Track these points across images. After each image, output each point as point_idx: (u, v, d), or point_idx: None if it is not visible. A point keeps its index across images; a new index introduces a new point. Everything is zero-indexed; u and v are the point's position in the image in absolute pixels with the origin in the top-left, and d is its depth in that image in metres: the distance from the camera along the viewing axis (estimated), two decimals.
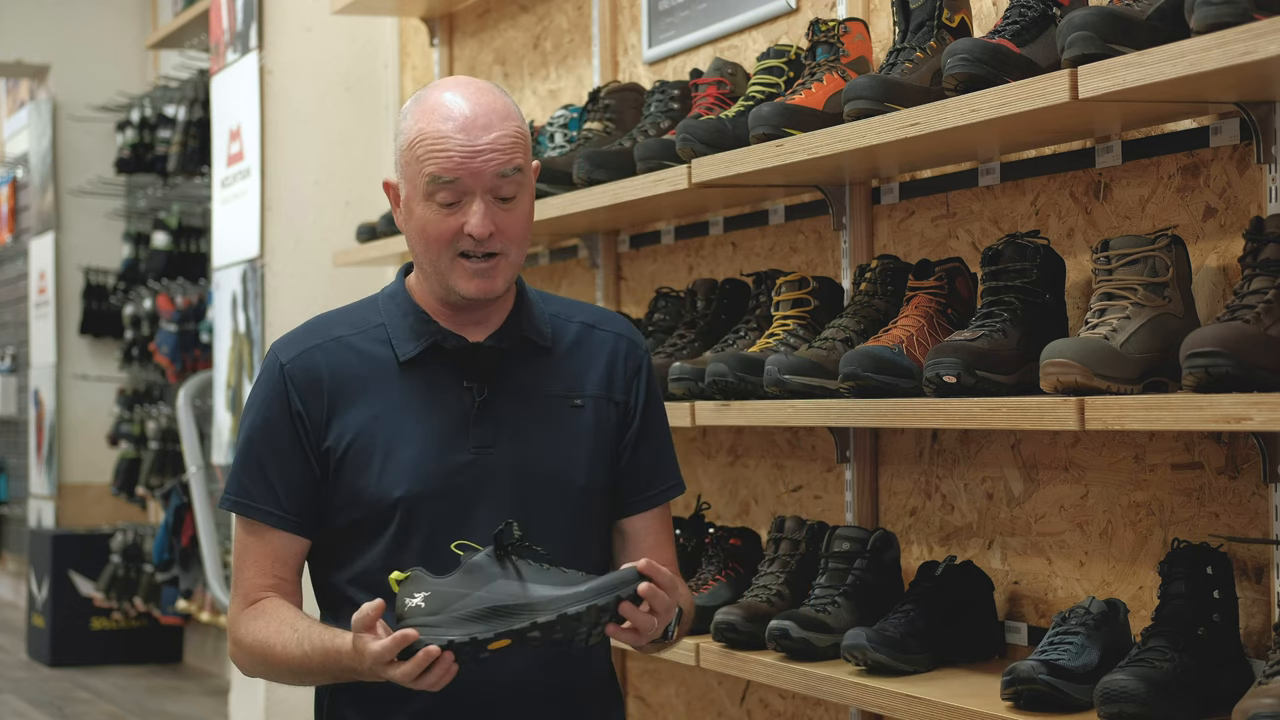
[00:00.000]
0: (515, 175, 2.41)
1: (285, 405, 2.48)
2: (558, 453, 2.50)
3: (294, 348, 2.53)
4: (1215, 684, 2.51)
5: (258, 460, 2.49)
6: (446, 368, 2.49)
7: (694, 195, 3.59)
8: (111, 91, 9.23)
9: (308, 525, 2.49)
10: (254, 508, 2.48)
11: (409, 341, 2.49)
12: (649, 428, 2.60)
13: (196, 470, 6.68)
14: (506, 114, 2.43)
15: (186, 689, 7.95)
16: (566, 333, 2.57)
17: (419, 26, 5.74)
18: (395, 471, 2.44)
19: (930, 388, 2.74)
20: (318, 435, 2.47)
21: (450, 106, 2.41)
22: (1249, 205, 2.69)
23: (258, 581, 2.49)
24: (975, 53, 2.65)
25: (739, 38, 4.01)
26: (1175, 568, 2.60)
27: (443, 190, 2.39)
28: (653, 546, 2.59)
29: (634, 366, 2.59)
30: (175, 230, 8.49)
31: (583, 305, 2.65)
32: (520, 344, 2.52)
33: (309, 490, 2.48)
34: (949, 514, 3.34)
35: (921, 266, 3.06)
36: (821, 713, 3.69)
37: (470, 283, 2.43)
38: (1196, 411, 2.27)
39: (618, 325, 2.63)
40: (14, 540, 10.76)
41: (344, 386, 2.48)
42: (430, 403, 2.47)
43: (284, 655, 2.41)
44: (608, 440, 2.55)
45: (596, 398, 2.54)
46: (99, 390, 9.46)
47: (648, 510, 2.60)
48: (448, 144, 2.38)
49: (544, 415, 2.50)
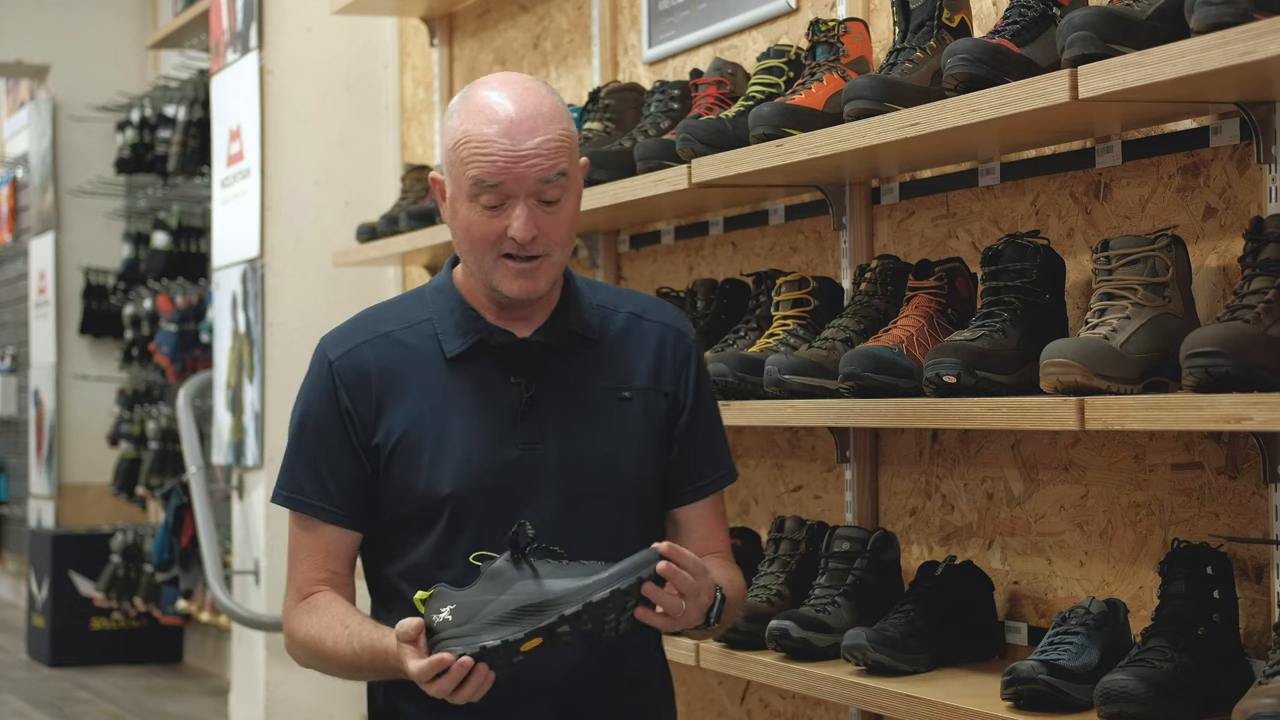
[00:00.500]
0: (559, 180, 2.39)
1: (334, 402, 2.48)
2: (607, 446, 2.49)
3: (342, 344, 2.52)
4: (1215, 684, 2.51)
5: (309, 456, 2.49)
6: (494, 363, 2.48)
7: (694, 195, 3.59)
8: (111, 91, 9.23)
9: (359, 519, 2.50)
10: (306, 503, 2.49)
11: (456, 338, 2.48)
12: (699, 417, 2.58)
13: (196, 470, 6.67)
14: (553, 116, 2.40)
15: (186, 689, 7.94)
16: (614, 323, 2.55)
17: (419, 26, 5.74)
18: (444, 468, 2.44)
19: (930, 388, 2.74)
20: (367, 432, 2.47)
21: (496, 108, 2.39)
22: (1249, 205, 2.69)
23: (310, 575, 2.50)
24: (975, 53, 2.65)
25: (739, 38, 4.01)
26: (1175, 568, 2.60)
27: (486, 193, 2.38)
28: (704, 536, 2.58)
29: (682, 356, 2.57)
30: (175, 230, 8.49)
31: (631, 294, 2.63)
32: (567, 337, 2.51)
33: (360, 485, 2.48)
34: (949, 514, 3.34)
35: (921, 266, 3.06)
36: (821, 713, 3.69)
37: (514, 283, 2.43)
38: (1196, 411, 2.27)
39: (665, 314, 2.60)
40: (14, 540, 10.76)
41: (392, 383, 2.48)
42: (478, 399, 2.46)
43: (334, 652, 2.42)
44: (657, 431, 2.53)
45: (645, 389, 2.53)
46: (99, 390, 9.46)
47: (699, 500, 2.59)
48: (491, 148, 2.37)
49: (592, 409, 2.49)
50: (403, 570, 2.49)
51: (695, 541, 2.57)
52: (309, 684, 5.87)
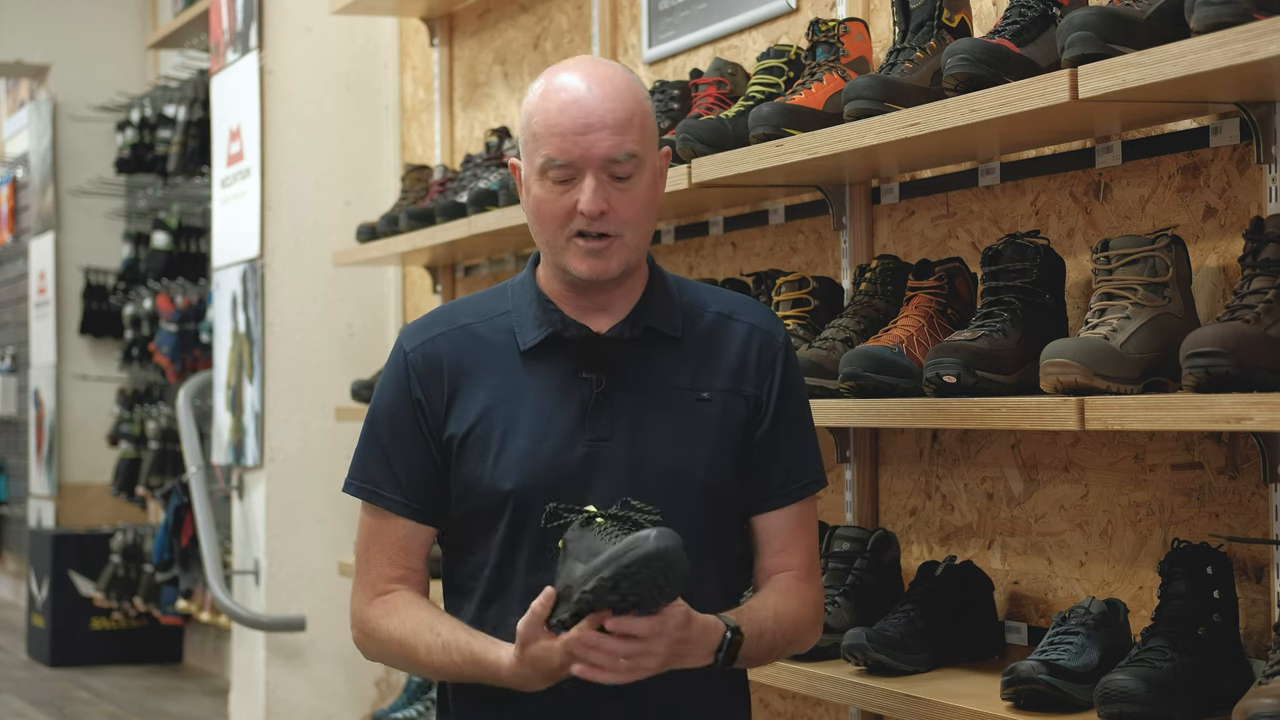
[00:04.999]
0: (629, 161, 2.36)
1: (406, 393, 2.46)
2: (678, 447, 2.42)
3: (418, 336, 2.50)
4: (1215, 684, 2.50)
5: (381, 447, 2.47)
6: (569, 357, 2.44)
7: (694, 195, 3.59)
8: (111, 91, 9.23)
9: (431, 514, 2.46)
10: (379, 494, 2.46)
11: (531, 330, 2.45)
12: (782, 422, 2.50)
13: (196, 470, 6.67)
14: (624, 94, 2.37)
15: (186, 689, 7.94)
16: (700, 322, 2.50)
17: (419, 26, 5.74)
18: (508, 462, 2.40)
19: (930, 388, 2.74)
20: (438, 423, 2.44)
21: (568, 87, 2.37)
22: (1249, 205, 2.69)
23: (385, 572, 2.46)
24: (975, 53, 2.65)
25: (739, 38, 4.01)
26: (1175, 568, 2.60)
27: (556, 170, 2.36)
28: (779, 549, 2.50)
29: (769, 359, 2.50)
30: (175, 230, 8.49)
31: (722, 293, 2.57)
32: (647, 333, 2.46)
33: (432, 479, 2.45)
34: (949, 514, 3.34)
35: (921, 266, 3.06)
36: (821, 713, 3.69)
37: (583, 262, 2.38)
38: (1196, 411, 2.27)
39: (755, 315, 2.53)
40: (14, 540, 10.76)
41: (465, 375, 2.45)
42: (549, 392, 2.42)
43: (428, 660, 2.38)
44: (736, 435, 2.46)
45: (725, 390, 2.46)
46: (99, 390, 9.46)
47: (780, 508, 2.50)
48: (561, 124, 2.35)
49: (667, 408, 2.43)
50: (472, 569, 2.46)
51: (771, 554, 2.50)
52: (309, 684, 5.87)
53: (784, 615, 2.44)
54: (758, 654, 2.40)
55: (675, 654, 2.26)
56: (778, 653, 2.46)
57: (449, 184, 4.88)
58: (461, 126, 5.46)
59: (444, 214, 4.62)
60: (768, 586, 2.48)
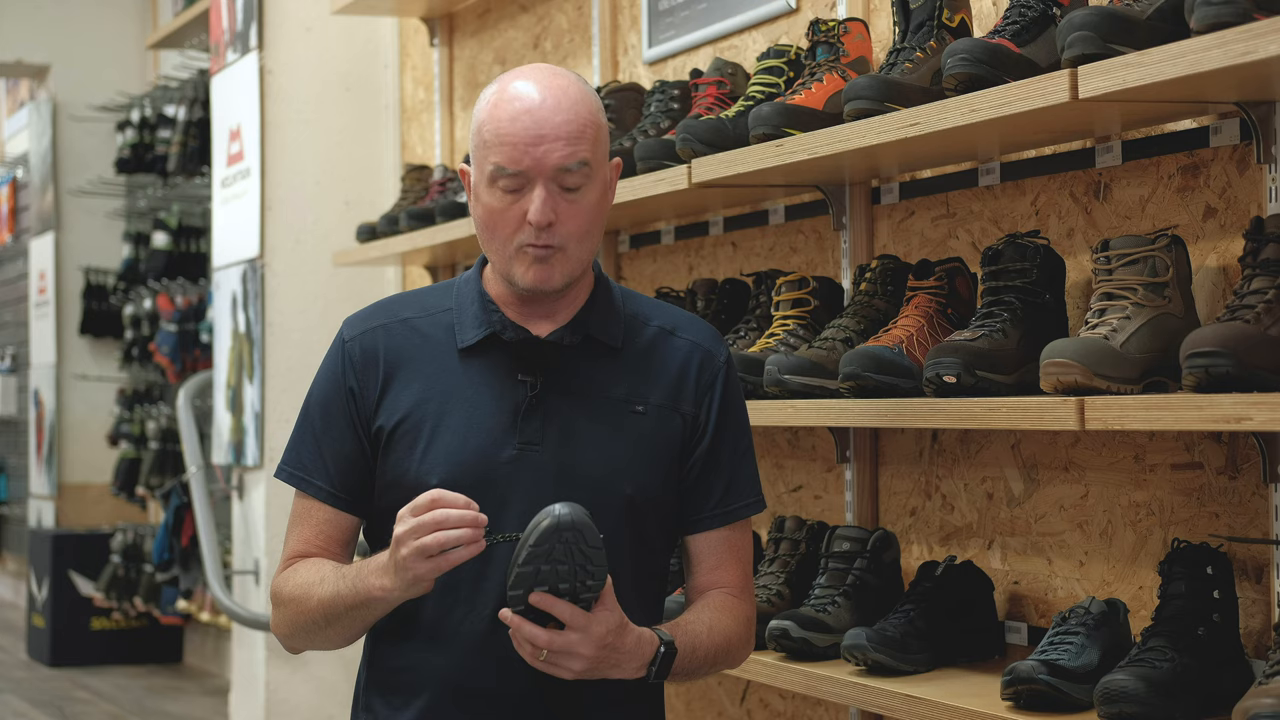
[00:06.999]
0: (580, 169, 2.35)
1: (341, 381, 2.47)
2: (608, 458, 2.41)
3: (359, 326, 2.51)
4: (1215, 684, 2.51)
5: (314, 434, 2.48)
6: (507, 359, 2.43)
7: (694, 195, 3.59)
8: (111, 91, 9.23)
9: (356, 504, 2.47)
10: (307, 481, 2.47)
11: (471, 329, 2.45)
12: (721, 443, 2.48)
13: (196, 470, 6.67)
14: (576, 103, 2.35)
15: (186, 689, 7.94)
16: (641, 335, 2.48)
17: (419, 26, 5.74)
18: (435, 457, 2.40)
19: (930, 388, 2.74)
20: (369, 414, 2.44)
21: (519, 95, 2.35)
22: (1249, 205, 2.69)
23: (300, 550, 2.47)
24: (975, 53, 2.65)
25: (739, 38, 4.01)
26: (1175, 568, 2.60)
27: (505, 178, 2.35)
28: (711, 568, 2.49)
29: (709, 378, 2.48)
30: (175, 230, 8.49)
31: (668, 308, 2.55)
32: (586, 341, 2.45)
33: (358, 468, 2.45)
34: (949, 514, 3.34)
35: (921, 266, 3.06)
36: (821, 713, 3.69)
37: (528, 271, 2.37)
38: (1196, 411, 2.27)
39: (698, 333, 2.51)
40: (14, 540, 10.76)
41: (400, 368, 2.45)
42: (484, 393, 2.42)
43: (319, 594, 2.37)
44: (668, 451, 2.45)
45: (661, 405, 2.45)
46: (99, 390, 9.46)
47: (713, 529, 2.48)
48: (511, 132, 2.33)
49: (600, 417, 2.42)
50: None
51: (702, 573, 2.49)
52: (309, 684, 5.87)
53: (717, 631, 2.43)
54: (690, 669, 2.40)
55: (606, 662, 2.26)
56: (709, 669, 2.45)
57: (449, 184, 4.88)
58: (461, 126, 5.46)
59: (444, 214, 4.62)
60: (701, 602, 2.46)
